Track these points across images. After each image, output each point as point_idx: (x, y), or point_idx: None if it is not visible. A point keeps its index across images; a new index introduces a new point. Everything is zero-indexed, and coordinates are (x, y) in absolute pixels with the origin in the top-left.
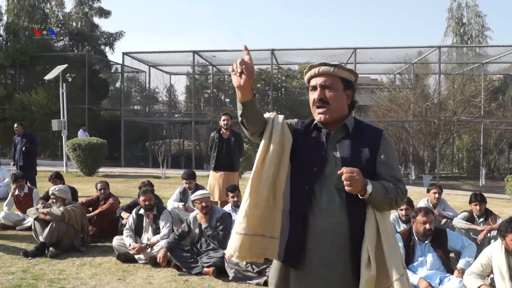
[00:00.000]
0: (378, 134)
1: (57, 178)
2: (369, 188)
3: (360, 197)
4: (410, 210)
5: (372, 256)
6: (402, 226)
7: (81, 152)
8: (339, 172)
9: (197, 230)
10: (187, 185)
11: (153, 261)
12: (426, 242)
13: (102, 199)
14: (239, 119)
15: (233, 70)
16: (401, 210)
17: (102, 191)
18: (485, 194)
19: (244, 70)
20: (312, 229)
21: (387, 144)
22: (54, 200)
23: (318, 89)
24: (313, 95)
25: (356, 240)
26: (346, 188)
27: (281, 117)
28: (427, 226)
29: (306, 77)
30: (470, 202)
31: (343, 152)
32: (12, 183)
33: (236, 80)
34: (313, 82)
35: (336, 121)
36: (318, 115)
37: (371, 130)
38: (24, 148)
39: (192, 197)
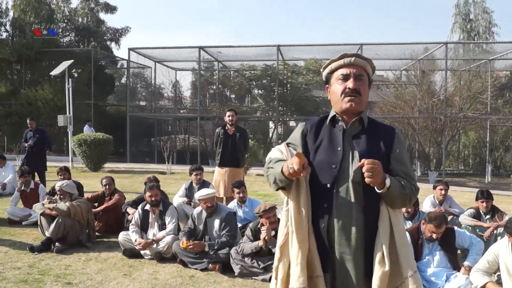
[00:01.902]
0: (392, 132)
1: (66, 171)
2: (388, 181)
3: (378, 191)
4: (412, 208)
5: (386, 252)
6: (408, 224)
7: (87, 148)
8: (359, 164)
9: (201, 226)
10: (197, 176)
11: (158, 257)
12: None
13: (107, 195)
14: (274, 187)
15: (294, 173)
16: None
17: (108, 186)
18: (491, 191)
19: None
20: (332, 225)
21: (400, 142)
22: (61, 196)
23: (352, 78)
24: (343, 84)
25: (369, 236)
26: (367, 180)
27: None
28: (434, 236)
29: (333, 66)
30: (477, 199)
31: (359, 146)
32: (18, 178)
33: (294, 174)
34: (345, 71)
35: (356, 115)
36: (348, 103)
37: (385, 127)
38: (27, 143)
39: (196, 195)
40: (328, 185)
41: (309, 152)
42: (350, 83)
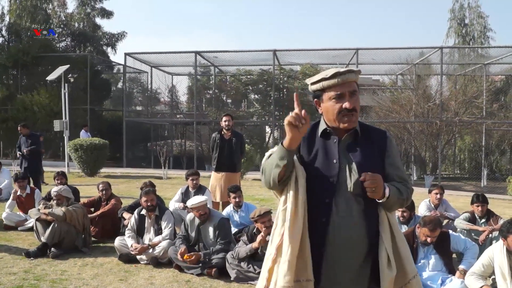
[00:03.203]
0: (383, 135)
1: (62, 175)
2: (387, 191)
3: (378, 201)
4: (408, 213)
5: (391, 256)
6: (403, 228)
7: (83, 153)
8: (361, 178)
9: (193, 234)
10: (194, 181)
11: (154, 262)
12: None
13: (104, 200)
14: (277, 174)
15: (295, 123)
16: (399, 211)
17: (104, 191)
18: (487, 195)
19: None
20: (333, 239)
21: (392, 145)
22: (58, 201)
23: (348, 97)
24: (338, 104)
25: (372, 243)
26: (369, 194)
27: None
28: (428, 240)
29: (325, 84)
30: (472, 203)
31: (355, 157)
32: (14, 183)
33: (295, 132)
34: (340, 90)
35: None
36: (345, 123)
37: (376, 132)
38: (25, 150)
39: (188, 203)
40: (327, 200)
41: (304, 162)
42: (347, 104)
